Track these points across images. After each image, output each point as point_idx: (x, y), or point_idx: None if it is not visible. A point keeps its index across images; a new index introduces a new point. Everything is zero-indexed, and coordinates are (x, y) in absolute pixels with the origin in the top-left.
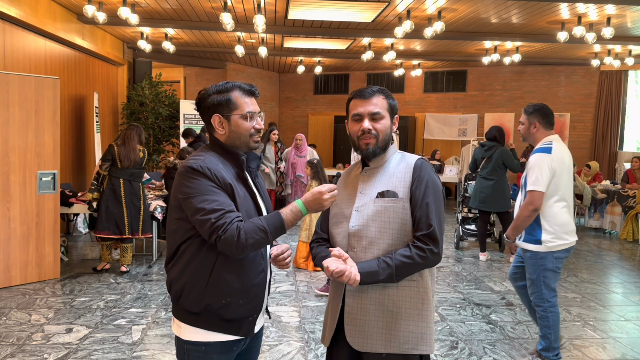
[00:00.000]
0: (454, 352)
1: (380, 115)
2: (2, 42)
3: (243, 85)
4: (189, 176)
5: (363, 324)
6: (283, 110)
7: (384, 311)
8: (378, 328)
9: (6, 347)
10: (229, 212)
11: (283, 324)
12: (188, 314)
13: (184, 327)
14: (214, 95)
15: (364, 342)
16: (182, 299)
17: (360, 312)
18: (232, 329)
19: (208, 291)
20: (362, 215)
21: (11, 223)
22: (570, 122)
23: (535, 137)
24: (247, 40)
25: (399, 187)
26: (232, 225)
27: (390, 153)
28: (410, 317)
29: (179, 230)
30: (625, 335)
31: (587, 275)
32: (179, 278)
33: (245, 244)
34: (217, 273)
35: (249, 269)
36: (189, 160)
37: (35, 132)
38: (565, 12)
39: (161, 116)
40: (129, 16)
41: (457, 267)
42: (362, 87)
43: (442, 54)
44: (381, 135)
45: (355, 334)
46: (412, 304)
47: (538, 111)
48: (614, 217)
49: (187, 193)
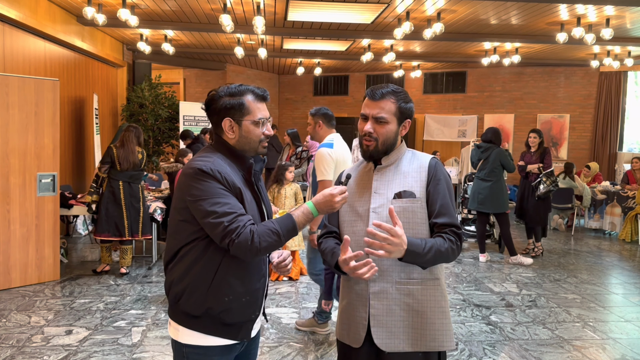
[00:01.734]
0: (454, 353)
1: (384, 120)
2: (2, 44)
3: (256, 89)
4: (198, 178)
5: (390, 325)
6: (283, 111)
7: (409, 311)
8: (405, 328)
9: (6, 349)
10: (241, 215)
11: (283, 325)
12: (187, 316)
13: (182, 330)
14: (226, 98)
15: (392, 342)
16: (183, 302)
17: (386, 313)
18: (231, 333)
19: (210, 294)
20: (380, 217)
21: (11, 225)
22: (570, 123)
23: (320, 134)
24: (246, 41)
25: (415, 186)
26: (245, 229)
27: (401, 151)
28: (435, 315)
29: (182, 232)
30: (625, 336)
31: (587, 276)
32: (180, 280)
33: (259, 247)
34: (221, 276)
35: (251, 274)
36: (197, 162)
37: (35, 134)
38: (565, 13)
39: (161, 118)
40: (128, 18)
41: (456, 268)
42: (377, 86)
43: (441, 55)
44: (381, 140)
45: (383, 335)
46: (436, 302)
47: (321, 113)
48: (613, 218)
49: (197, 195)
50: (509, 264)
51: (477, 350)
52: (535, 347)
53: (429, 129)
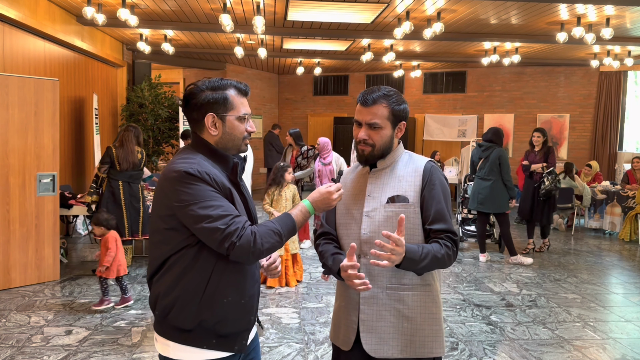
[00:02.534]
0: (454, 353)
1: (378, 125)
2: (2, 44)
3: (238, 84)
4: (185, 182)
5: (379, 330)
6: (282, 111)
7: (399, 317)
8: (394, 334)
9: (6, 349)
10: (237, 217)
11: (283, 325)
12: (178, 331)
13: (173, 346)
14: (208, 92)
15: (380, 348)
16: (172, 315)
17: (376, 318)
18: (227, 345)
19: (203, 305)
20: (373, 222)
21: (10, 225)
22: (570, 123)
23: None
24: (246, 41)
25: (409, 191)
26: (245, 231)
27: (398, 154)
28: (426, 322)
29: (169, 241)
30: (626, 336)
31: (587, 276)
32: (168, 292)
33: (262, 249)
34: (214, 285)
35: (246, 280)
36: (179, 164)
37: (34, 133)
38: (565, 13)
39: (160, 118)
40: (128, 18)
41: (457, 268)
42: (368, 90)
43: (441, 55)
44: (377, 145)
45: (372, 340)
46: (427, 308)
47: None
48: (613, 217)
49: (186, 200)
50: (509, 264)
51: (478, 350)
52: (535, 347)
53: (428, 128)
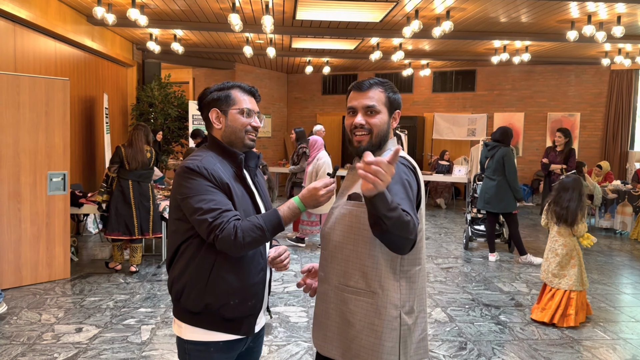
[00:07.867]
0: (463, 353)
1: (375, 108)
2: (13, 44)
3: (243, 85)
4: (186, 176)
5: (326, 328)
6: (291, 110)
7: (343, 319)
8: (338, 335)
9: (17, 347)
10: (226, 211)
11: (291, 324)
12: (189, 313)
13: (185, 327)
14: (215, 92)
15: (326, 346)
16: (183, 299)
17: (325, 315)
18: (233, 328)
19: (208, 291)
20: (332, 218)
21: (22, 223)
22: (581, 122)
23: None
24: (255, 41)
25: None
26: (229, 225)
27: (383, 152)
28: (363, 331)
29: (178, 230)
30: (636, 336)
31: (598, 276)
32: (179, 278)
33: (242, 243)
34: (217, 272)
35: (248, 268)
36: (187, 161)
37: (45, 133)
38: (575, 11)
39: (170, 117)
40: (138, 17)
41: (466, 267)
42: (360, 80)
43: (450, 53)
44: (375, 131)
45: (319, 337)
46: (367, 317)
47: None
48: (624, 217)
49: (185, 193)
50: (518, 264)
51: (486, 350)
52: (544, 347)
53: (438, 127)
